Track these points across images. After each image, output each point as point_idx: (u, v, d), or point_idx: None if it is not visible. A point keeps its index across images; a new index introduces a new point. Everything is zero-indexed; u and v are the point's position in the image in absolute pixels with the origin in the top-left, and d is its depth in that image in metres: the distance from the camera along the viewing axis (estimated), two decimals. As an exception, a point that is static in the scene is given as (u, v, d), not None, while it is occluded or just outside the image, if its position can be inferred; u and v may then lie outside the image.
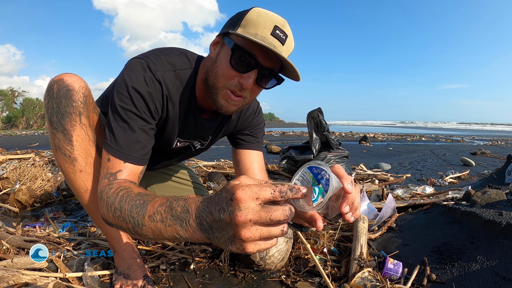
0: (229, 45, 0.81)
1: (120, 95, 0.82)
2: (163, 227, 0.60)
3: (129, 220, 0.66)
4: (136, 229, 0.66)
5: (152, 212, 0.62)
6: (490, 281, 0.89)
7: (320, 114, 2.76)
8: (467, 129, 35.34)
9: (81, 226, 1.47)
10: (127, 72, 0.84)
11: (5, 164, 2.99)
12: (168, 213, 0.60)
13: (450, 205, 1.38)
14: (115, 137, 0.81)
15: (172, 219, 0.59)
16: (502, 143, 9.65)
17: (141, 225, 0.64)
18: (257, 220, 0.47)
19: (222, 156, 4.40)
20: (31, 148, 5.63)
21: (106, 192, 0.74)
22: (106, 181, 0.78)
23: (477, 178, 2.85)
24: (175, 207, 0.59)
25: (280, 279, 1.05)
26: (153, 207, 0.63)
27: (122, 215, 0.68)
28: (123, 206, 0.68)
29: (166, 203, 0.61)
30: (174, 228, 0.59)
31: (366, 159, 4.71)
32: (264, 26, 0.79)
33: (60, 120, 0.84)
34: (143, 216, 0.64)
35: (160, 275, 1.06)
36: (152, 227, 0.62)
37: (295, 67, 0.80)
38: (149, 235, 0.64)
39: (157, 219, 0.61)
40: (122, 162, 0.81)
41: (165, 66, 0.88)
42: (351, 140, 9.90)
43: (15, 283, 0.87)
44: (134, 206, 0.66)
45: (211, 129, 1.06)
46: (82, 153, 0.87)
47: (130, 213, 0.66)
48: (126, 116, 0.82)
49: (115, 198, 0.71)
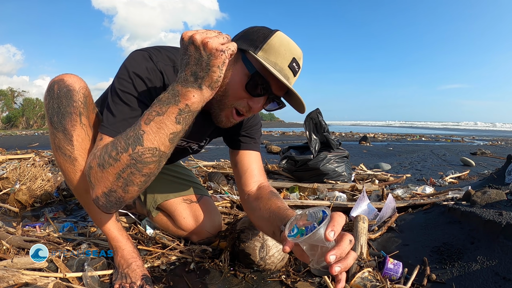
0: (248, 67, 0.81)
1: (121, 80, 0.82)
2: (162, 118, 0.68)
3: (127, 144, 0.70)
4: (138, 147, 0.69)
5: (146, 117, 0.70)
6: (490, 281, 0.89)
7: (319, 114, 2.76)
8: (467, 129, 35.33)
9: (81, 226, 1.47)
10: (128, 61, 0.84)
11: (5, 164, 2.99)
12: (160, 104, 0.69)
13: (450, 205, 1.38)
14: (113, 115, 0.81)
15: (165, 104, 0.68)
16: (502, 143, 9.65)
17: (141, 136, 0.69)
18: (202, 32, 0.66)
19: (222, 156, 4.40)
20: (31, 148, 5.63)
21: (93, 156, 0.76)
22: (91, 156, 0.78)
23: (477, 178, 2.85)
24: (161, 98, 0.69)
25: (280, 279, 1.05)
26: (145, 115, 0.70)
27: (119, 149, 0.71)
28: (117, 143, 0.72)
29: (154, 103, 0.71)
30: (171, 108, 0.68)
31: (366, 159, 4.71)
32: (284, 56, 0.81)
33: (60, 120, 0.84)
34: (139, 127, 0.70)
35: (160, 275, 1.06)
36: (152, 127, 0.69)
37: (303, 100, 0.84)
38: (150, 143, 0.70)
39: (153, 116, 0.69)
40: (111, 138, 0.80)
41: (166, 61, 0.89)
42: (351, 140, 9.90)
43: (15, 283, 0.87)
44: (127, 131, 0.72)
45: (207, 130, 1.07)
46: (82, 153, 0.87)
47: (126, 137, 0.71)
48: (126, 99, 0.82)
49: (106, 148, 0.74)
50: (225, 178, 2.56)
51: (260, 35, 0.82)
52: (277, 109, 0.93)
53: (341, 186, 2.24)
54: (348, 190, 2.15)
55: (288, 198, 1.88)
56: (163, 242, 1.26)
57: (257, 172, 1.09)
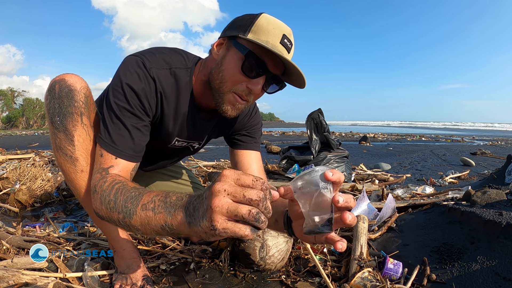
0: (240, 50, 0.81)
1: (115, 91, 0.83)
2: (152, 215, 0.62)
3: (122, 210, 0.67)
4: (126, 219, 0.67)
5: (146, 201, 0.64)
6: (490, 281, 0.89)
7: (320, 114, 2.76)
8: (467, 129, 35.33)
9: (81, 226, 1.47)
10: (122, 69, 0.85)
11: (5, 164, 2.99)
12: (161, 202, 0.62)
13: (450, 205, 1.38)
14: (108, 133, 0.82)
15: (163, 206, 0.60)
16: (502, 143, 9.65)
17: (132, 214, 0.65)
18: (231, 192, 0.48)
19: (222, 156, 4.40)
20: (31, 148, 5.63)
21: (100, 185, 0.75)
22: (98, 176, 0.79)
23: (477, 178, 2.85)
24: (171, 196, 0.61)
25: (280, 279, 1.05)
26: (149, 197, 0.65)
27: (116, 206, 0.69)
28: (118, 198, 0.69)
29: (162, 194, 0.63)
30: (162, 215, 0.60)
31: (366, 159, 4.71)
32: (274, 34, 0.81)
33: (62, 120, 0.84)
34: (137, 205, 0.65)
35: (160, 275, 1.06)
36: (142, 216, 0.64)
37: (303, 73, 0.82)
38: (137, 225, 0.66)
39: (149, 208, 0.63)
40: (114, 158, 0.82)
41: (160, 64, 0.88)
42: (351, 140, 9.90)
43: (15, 283, 0.87)
44: (129, 197, 0.68)
45: (208, 129, 1.07)
46: (83, 153, 0.87)
47: (125, 203, 0.68)
48: (120, 113, 0.83)
49: (110, 190, 0.72)
50: (225, 178, 2.56)
51: (246, 20, 0.83)
52: (278, 90, 0.91)
53: (341, 186, 2.24)
54: (348, 190, 2.15)
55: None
56: (163, 242, 1.26)
57: (257, 172, 1.10)
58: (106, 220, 0.74)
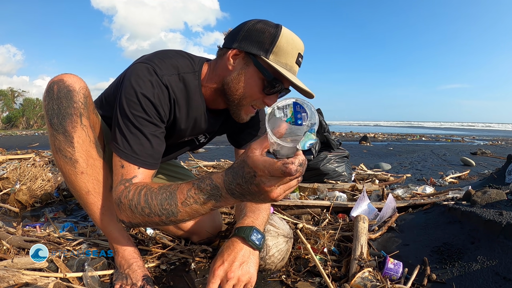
0: (263, 72, 0.86)
1: (129, 101, 0.84)
2: (199, 207, 0.70)
3: (162, 212, 0.74)
4: (171, 218, 0.74)
5: (183, 199, 0.71)
6: (490, 281, 0.89)
7: (320, 115, 2.76)
8: (467, 129, 35.31)
9: (81, 226, 1.47)
10: (134, 78, 0.84)
11: (5, 164, 2.99)
12: (199, 194, 0.69)
13: (450, 205, 1.38)
14: (129, 143, 0.83)
15: (205, 197, 0.69)
16: (502, 143, 9.64)
17: (176, 213, 0.73)
18: (279, 183, 0.60)
19: (222, 156, 4.40)
20: (31, 148, 5.63)
21: (125, 196, 0.78)
22: (122, 187, 0.81)
23: (477, 178, 2.85)
24: (204, 187, 0.69)
25: (280, 279, 1.05)
26: (183, 194, 0.71)
27: (153, 211, 0.74)
28: (151, 203, 0.74)
29: (193, 187, 0.70)
30: (210, 203, 0.69)
31: (366, 159, 4.71)
32: (292, 55, 0.87)
33: (61, 122, 0.84)
34: (176, 205, 0.72)
35: (160, 275, 1.06)
36: (187, 210, 0.71)
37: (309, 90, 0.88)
38: (185, 218, 0.74)
39: (190, 203, 0.70)
40: (137, 168, 0.84)
41: (170, 70, 0.89)
42: (351, 140, 9.89)
43: (16, 283, 0.87)
44: (163, 199, 0.73)
45: (216, 126, 1.10)
46: (83, 154, 0.87)
47: (161, 206, 0.73)
48: (137, 123, 0.84)
49: (138, 198, 0.76)
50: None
51: (266, 36, 0.85)
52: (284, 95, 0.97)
53: (341, 186, 2.24)
54: (348, 190, 2.14)
55: (288, 198, 1.88)
56: (163, 242, 1.26)
57: None
58: (143, 225, 0.80)
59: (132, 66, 0.88)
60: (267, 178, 0.59)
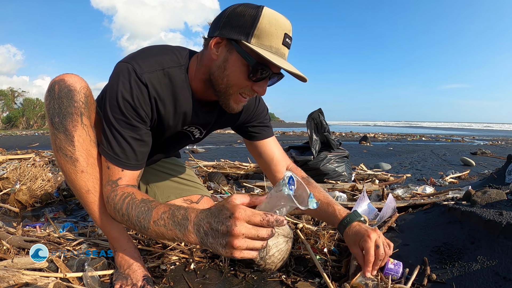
0: (246, 58, 0.81)
1: (111, 104, 0.85)
2: (165, 230, 0.74)
3: (136, 224, 0.79)
4: (142, 231, 0.79)
5: (156, 218, 0.75)
6: (490, 281, 0.89)
7: (320, 114, 2.76)
8: (467, 129, 35.31)
9: (81, 226, 1.47)
10: (114, 79, 0.85)
11: (6, 164, 2.99)
12: (170, 219, 0.73)
13: (451, 205, 1.38)
14: (111, 146, 0.86)
15: (173, 224, 0.72)
16: (502, 143, 9.64)
17: (147, 228, 0.77)
18: (247, 234, 0.63)
19: (222, 156, 4.40)
20: (31, 148, 5.63)
21: (112, 198, 0.84)
22: (109, 188, 0.86)
23: (477, 178, 2.85)
24: (177, 215, 0.73)
25: (280, 279, 1.05)
26: (157, 214, 0.76)
27: (130, 220, 0.80)
28: (130, 212, 0.80)
29: (168, 211, 0.75)
30: (173, 231, 0.72)
31: (366, 159, 4.71)
32: (276, 36, 0.80)
33: (61, 121, 0.84)
34: (149, 221, 0.77)
35: (160, 275, 1.06)
36: (155, 230, 0.76)
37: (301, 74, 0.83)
38: (153, 236, 0.79)
39: (160, 224, 0.74)
40: (121, 170, 0.87)
41: (152, 67, 0.87)
42: (351, 140, 9.90)
43: (16, 283, 0.87)
44: (140, 213, 0.78)
45: (211, 120, 1.07)
46: (83, 153, 0.87)
47: (137, 218, 0.78)
48: (118, 126, 0.85)
49: (122, 204, 0.81)
50: (225, 178, 2.56)
51: (247, 19, 0.80)
52: (277, 81, 0.92)
53: (341, 186, 2.24)
54: (348, 190, 2.14)
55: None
56: (163, 242, 1.26)
57: (281, 157, 1.18)
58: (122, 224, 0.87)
59: (115, 65, 0.88)
60: (241, 223, 0.62)
